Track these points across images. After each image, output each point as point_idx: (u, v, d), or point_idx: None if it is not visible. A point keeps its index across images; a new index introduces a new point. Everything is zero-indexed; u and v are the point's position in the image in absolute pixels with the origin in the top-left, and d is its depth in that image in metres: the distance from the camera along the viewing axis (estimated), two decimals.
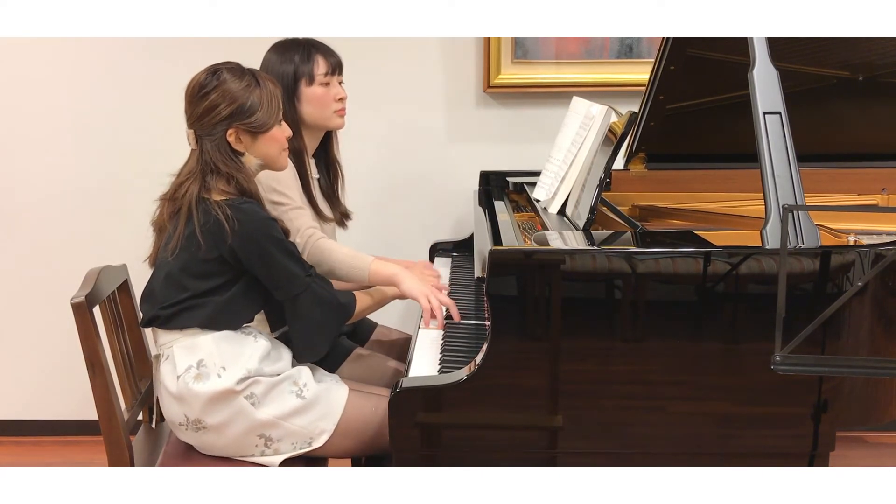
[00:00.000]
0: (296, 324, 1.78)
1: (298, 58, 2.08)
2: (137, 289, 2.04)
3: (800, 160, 1.61)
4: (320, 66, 2.09)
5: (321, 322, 1.79)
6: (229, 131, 1.75)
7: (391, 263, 1.99)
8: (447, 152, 2.96)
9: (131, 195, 2.91)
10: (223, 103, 1.73)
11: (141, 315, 1.86)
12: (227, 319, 1.76)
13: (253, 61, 2.06)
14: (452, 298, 1.99)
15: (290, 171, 2.04)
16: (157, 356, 1.82)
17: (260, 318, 1.96)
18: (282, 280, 1.74)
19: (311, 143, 2.17)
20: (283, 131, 1.83)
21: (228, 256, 1.72)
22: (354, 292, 1.92)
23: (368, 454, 1.86)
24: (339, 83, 2.15)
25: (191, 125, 1.78)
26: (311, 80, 2.09)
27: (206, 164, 1.74)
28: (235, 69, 1.78)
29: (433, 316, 1.89)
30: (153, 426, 1.94)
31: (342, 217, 2.28)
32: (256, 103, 1.76)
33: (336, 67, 2.13)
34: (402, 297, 1.98)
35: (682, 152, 2.47)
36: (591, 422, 1.58)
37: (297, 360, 1.83)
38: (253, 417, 1.73)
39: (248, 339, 1.78)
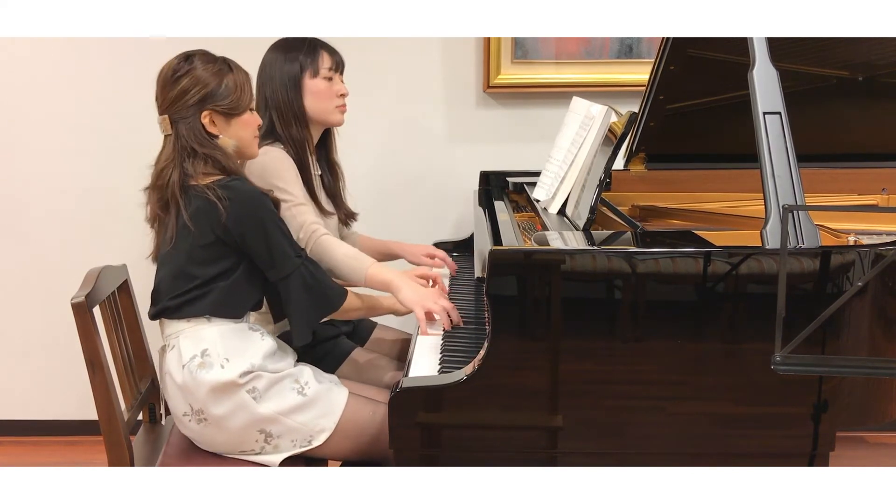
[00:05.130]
0: (287, 307, 1.80)
1: (304, 53, 2.11)
2: (137, 289, 2.05)
3: (800, 160, 1.61)
4: (325, 60, 2.12)
5: (306, 307, 1.79)
6: (203, 113, 1.78)
7: (390, 269, 1.95)
8: (447, 152, 2.96)
9: (131, 195, 2.87)
10: (195, 87, 1.77)
11: (147, 312, 1.86)
12: (232, 304, 1.77)
13: (253, 61, 2.06)
14: (452, 299, 1.99)
15: (291, 167, 2.04)
16: (164, 347, 1.83)
17: (265, 317, 1.96)
18: (275, 257, 1.75)
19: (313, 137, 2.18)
20: (254, 118, 1.86)
21: (224, 236, 1.73)
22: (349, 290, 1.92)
23: (366, 461, 1.85)
24: (341, 81, 2.17)
25: (164, 111, 1.80)
26: (315, 73, 2.11)
27: (184, 147, 1.77)
28: (207, 55, 1.82)
29: (432, 319, 1.87)
30: (162, 422, 1.94)
31: (347, 217, 2.28)
32: (230, 86, 1.80)
33: (339, 65, 2.17)
34: (396, 312, 1.97)
35: (682, 152, 2.47)
36: (591, 422, 1.58)
37: (293, 342, 1.84)
38: (254, 411, 1.73)
39: (254, 336, 1.80)
